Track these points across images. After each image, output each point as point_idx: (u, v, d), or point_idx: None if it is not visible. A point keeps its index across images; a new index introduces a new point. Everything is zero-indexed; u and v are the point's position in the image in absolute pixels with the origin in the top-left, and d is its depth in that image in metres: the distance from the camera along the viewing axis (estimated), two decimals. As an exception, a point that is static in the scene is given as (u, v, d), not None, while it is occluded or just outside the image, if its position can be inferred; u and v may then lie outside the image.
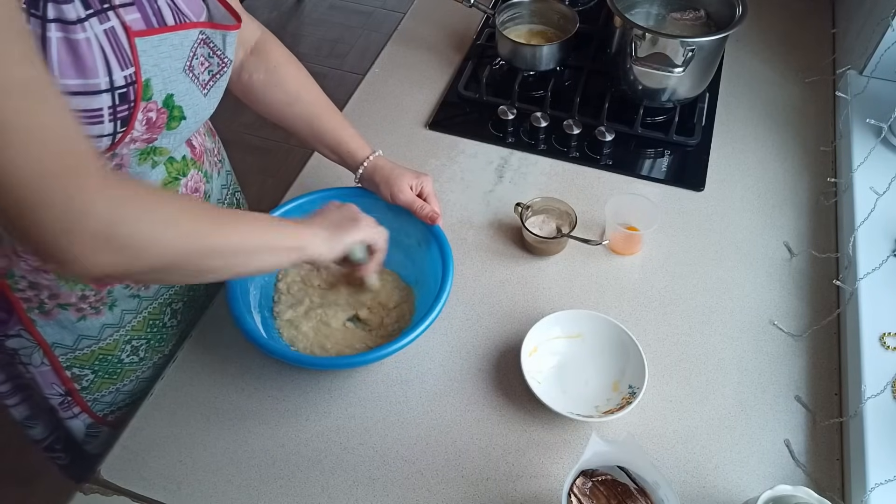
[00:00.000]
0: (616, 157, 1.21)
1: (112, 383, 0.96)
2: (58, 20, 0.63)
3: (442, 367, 0.94)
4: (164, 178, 0.84)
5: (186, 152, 0.88)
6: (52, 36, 0.62)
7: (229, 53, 0.83)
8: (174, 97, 0.75)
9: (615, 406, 0.87)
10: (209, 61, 0.80)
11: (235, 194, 1.10)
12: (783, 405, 0.90)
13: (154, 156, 0.80)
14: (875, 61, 1.21)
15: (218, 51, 0.81)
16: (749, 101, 1.30)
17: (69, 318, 0.87)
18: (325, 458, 0.86)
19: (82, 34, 0.64)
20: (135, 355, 0.96)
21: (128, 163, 0.77)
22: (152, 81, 0.71)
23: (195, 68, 0.77)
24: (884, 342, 0.89)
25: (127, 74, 0.68)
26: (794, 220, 1.11)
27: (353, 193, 1.01)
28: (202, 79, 0.79)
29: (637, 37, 1.14)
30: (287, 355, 0.87)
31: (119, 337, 0.93)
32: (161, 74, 0.72)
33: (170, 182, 0.85)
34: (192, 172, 0.89)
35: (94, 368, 0.93)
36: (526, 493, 0.83)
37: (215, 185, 0.98)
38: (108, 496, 0.83)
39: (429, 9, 1.51)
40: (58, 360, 0.90)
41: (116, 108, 0.68)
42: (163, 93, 0.74)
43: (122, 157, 0.75)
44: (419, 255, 0.99)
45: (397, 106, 1.29)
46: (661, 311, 1.00)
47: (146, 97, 0.71)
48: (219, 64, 0.82)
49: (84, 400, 0.96)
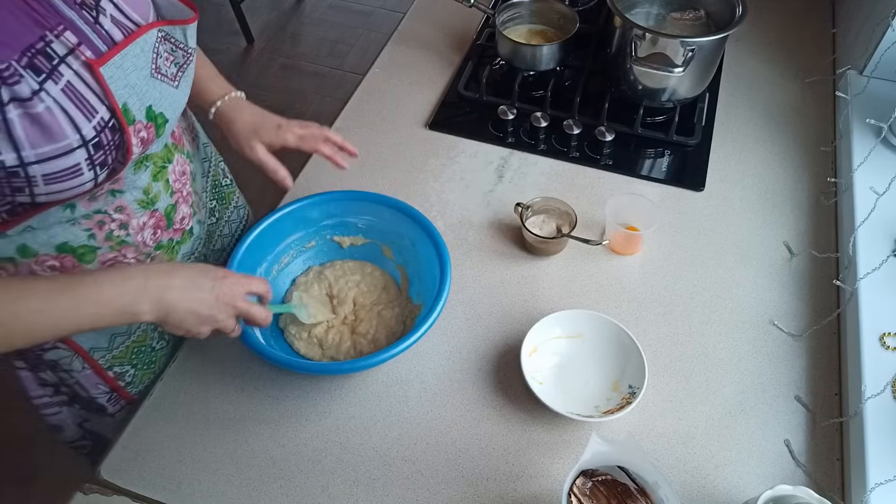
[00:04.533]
0: (616, 157, 1.21)
1: (152, 372, 0.99)
2: (13, 100, 0.63)
3: (442, 367, 0.94)
4: (152, 171, 0.84)
5: (168, 140, 0.88)
6: (12, 116, 0.63)
7: (191, 43, 0.82)
8: (153, 107, 0.76)
9: (615, 406, 0.87)
10: (173, 55, 0.80)
11: (219, 164, 1.10)
12: (783, 405, 0.91)
13: (145, 162, 0.82)
14: (875, 61, 1.20)
15: (180, 44, 0.80)
16: (749, 101, 1.30)
17: None
18: (325, 458, 0.86)
19: (40, 105, 0.64)
20: (163, 339, 0.99)
21: (123, 175, 0.79)
22: (129, 103, 0.72)
23: (161, 67, 0.77)
24: (884, 342, 0.89)
25: (96, 122, 0.68)
26: (794, 220, 1.11)
27: (347, 196, 1.01)
28: (170, 73, 0.79)
29: (637, 37, 1.14)
30: (286, 362, 0.87)
31: (147, 326, 0.96)
32: (134, 91, 0.73)
33: (157, 172, 0.85)
34: (175, 157, 0.89)
35: (132, 363, 0.95)
36: (526, 493, 0.83)
37: (196, 163, 0.98)
38: (108, 496, 0.83)
39: (429, 9, 1.51)
40: (98, 363, 0.92)
41: (93, 158, 0.70)
42: (142, 109, 0.74)
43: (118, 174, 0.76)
44: (413, 255, 1.00)
45: (397, 106, 1.29)
46: (661, 311, 1.00)
47: (130, 121, 0.72)
48: (183, 55, 0.81)
49: (130, 393, 0.98)
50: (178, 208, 0.90)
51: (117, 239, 0.83)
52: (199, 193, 0.98)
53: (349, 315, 0.98)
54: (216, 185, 1.10)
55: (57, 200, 0.73)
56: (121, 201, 0.81)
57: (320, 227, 1.03)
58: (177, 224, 0.91)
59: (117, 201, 0.81)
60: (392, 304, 0.99)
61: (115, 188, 0.80)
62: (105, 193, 0.79)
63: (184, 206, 0.92)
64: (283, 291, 1.01)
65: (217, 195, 1.10)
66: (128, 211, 0.82)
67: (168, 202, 0.88)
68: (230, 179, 1.15)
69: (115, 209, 0.81)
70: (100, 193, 0.79)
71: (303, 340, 0.95)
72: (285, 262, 1.02)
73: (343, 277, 1.01)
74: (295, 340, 0.96)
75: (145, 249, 0.87)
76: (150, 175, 0.84)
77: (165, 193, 0.87)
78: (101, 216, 0.80)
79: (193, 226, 0.96)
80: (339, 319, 0.97)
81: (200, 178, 0.99)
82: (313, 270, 1.03)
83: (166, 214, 0.88)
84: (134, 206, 0.83)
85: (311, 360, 0.94)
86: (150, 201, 0.85)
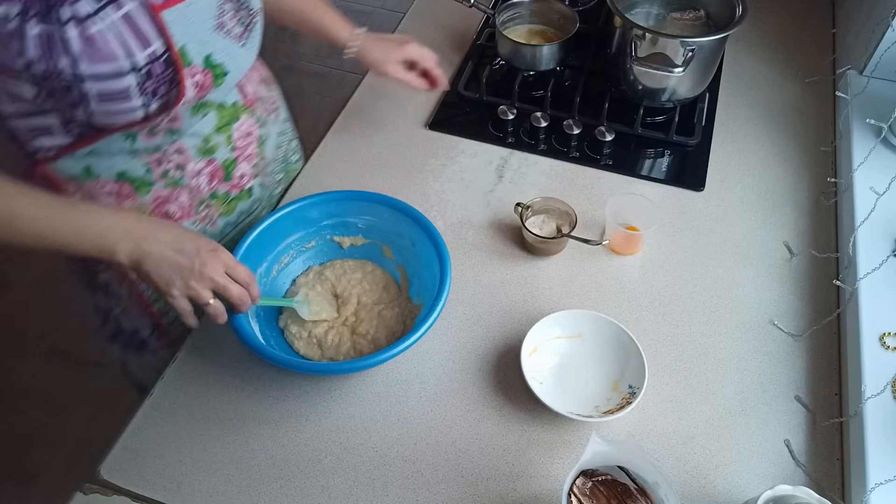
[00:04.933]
0: (616, 157, 1.21)
1: None
2: (73, 18, 0.69)
3: (442, 367, 0.94)
4: (216, 124, 0.91)
5: (238, 98, 0.94)
6: (70, 35, 0.70)
7: (255, 5, 0.88)
8: (212, 56, 0.82)
9: (615, 406, 0.87)
10: (238, 14, 0.85)
11: (291, 142, 1.17)
12: (783, 405, 0.91)
13: (203, 108, 0.88)
14: (875, 61, 1.20)
15: (244, 4, 0.86)
16: (749, 101, 1.30)
17: None
18: (325, 458, 0.86)
19: (96, 27, 0.70)
20: None
21: (181, 116, 0.85)
22: (188, 47, 0.78)
23: (226, 24, 0.82)
24: (884, 342, 0.89)
25: (149, 52, 0.74)
26: (794, 220, 1.11)
27: (347, 196, 1.02)
28: (235, 32, 0.84)
29: (637, 37, 1.14)
30: (286, 362, 0.87)
31: None
32: (195, 39, 0.78)
33: (221, 127, 0.92)
34: (243, 117, 0.96)
35: None
36: (526, 493, 0.83)
37: (271, 131, 1.05)
38: (108, 496, 0.83)
39: (429, 9, 1.51)
40: (144, 295, 0.95)
41: (143, 86, 0.76)
42: (200, 55, 0.80)
43: (175, 113, 0.83)
44: (413, 255, 1.00)
45: (397, 106, 1.29)
46: (661, 311, 1.00)
47: (186, 63, 0.78)
48: (248, 15, 0.86)
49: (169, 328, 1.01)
50: (238, 165, 0.97)
51: (172, 179, 0.90)
52: (266, 159, 1.05)
53: (350, 316, 0.98)
54: (286, 160, 1.15)
55: (113, 125, 0.79)
56: (180, 144, 0.88)
57: (320, 227, 1.03)
58: (235, 180, 0.98)
59: (177, 144, 0.88)
60: (392, 303, 0.99)
61: (174, 127, 0.86)
62: (163, 131, 0.85)
63: (245, 164, 0.98)
64: (283, 291, 1.01)
65: (285, 169, 1.15)
66: (186, 155, 0.90)
67: (227, 156, 0.95)
68: (299, 157, 1.20)
69: (174, 150, 0.88)
70: (158, 129, 0.85)
71: (303, 340, 0.95)
72: (285, 262, 1.02)
73: (345, 276, 1.01)
74: (295, 340, 0.96)
75: (199, 195, 0.94)
76: (214, 127, 0.91)
77: (226, 147, 0.94)
78: (160, 154, 0.88)
79: (254, 187, 1.03)
80: (339, 320, 0.97)
81: (272, 148, 1.07)
82: (313, 270, 1.03)
83: (225, 167, 0.95)
84: (192, 151, 0.90)
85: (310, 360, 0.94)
86: (208, 150, 0.92)
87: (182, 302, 0.80)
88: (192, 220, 0.97)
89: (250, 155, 0.99)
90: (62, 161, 0.86)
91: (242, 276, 0.82)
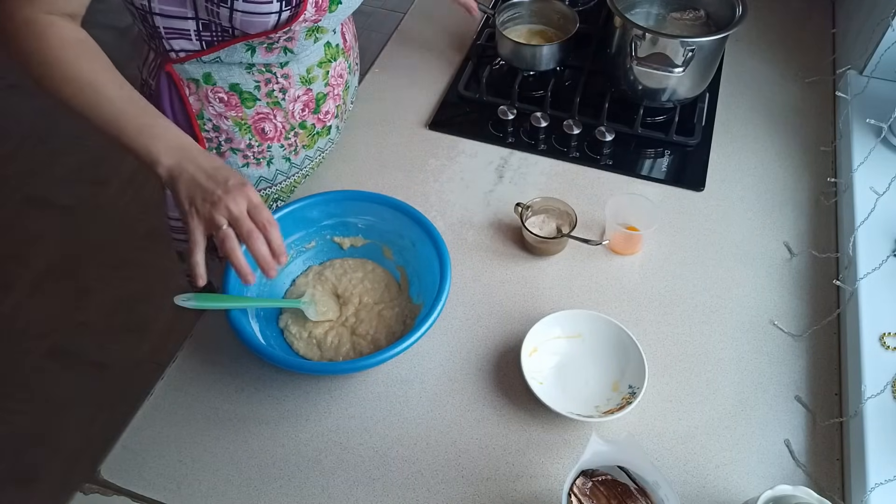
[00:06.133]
0: (616, 157, 1.21)
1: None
2: None
3: (442, 367, 0.94)
4: (321, 57, 1.02)
5: (340, 42, 1.06)
6: None
7: None
8: None
9: (615, 406, 0.87)
10: None
11: (349, 104, 1.21)
12: (783, 405, 0.91)
13: (317, 33, 0.96)
14: (875, 61, 1.21)
15: None
16: (749, 101, 1.30)
17: (236, 163, 1.05)
18: (325, 458, 0.86)
19: None
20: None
21: (297, 37, 0.93)
22: None
23: None
24: (884, 342, 0.89)
25: None
26: (794, 220, 1.11)
27: (347, 196, 1.02)
28: None
29: (637, 37, 1.14)
30: (286, 362, 0.87)
31: (270, 193, 1.12)
32: None
33: (324, 62, 1.03)
34: (340, 59, 1.07)
35: None
36: (526, 493, 0.83)
37: (353, 82, 1.17)
38: (108, 496, 0.83)
39: (429, 9, 1.51)
40: None
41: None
42: None
43: (293, 32, 0.91)
44: (413, 255, 1.00)
45: (397, 106, 1.29)
46: (661, 311, 1.00)
47: None
48: None
49: None
50: (327, 100, 1.08)
51: (275, 99, 1.00)
52: (346, 104, 1.16)
53: (350, 316, 0.98)
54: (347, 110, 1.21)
55: (249, 29, 0.87)
56: (288, 69, 0.99)
57: (320, 227, 1.03)
58: (321, 114, 1.08)
59: (286, 69, 0.98)
60: (393, 303, 0.99)
61: (289, 47, 0.95)
62: (280, 49, 0.94)
63: (331, 101, 1.09)
64: (282, 292, 1.01)
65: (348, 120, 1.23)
66: (291, 80, 1.00)
67: (321, 90, 1.05)
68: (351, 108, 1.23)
69: (282, 75, 0.99)
70: (276, 45, 0.93)
71: (302, 341, 0.95)
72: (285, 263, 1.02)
73: (345, 276, 1.01)
74: (295, 340, 0.96)
75: (291, 120, 1.04)
76: (318, 60, 1.02)
77: (322, 81, 1.04)
78: (270, 75, 0.98)
79: (333, 127, 1.13)
80: (339, 320, 0.97)
81: (350, 97, 1.17)
82: (313, 270, 1.03)
83: (317, 99, 1.05)
84: (296, 77, 1.00)
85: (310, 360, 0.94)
86: (308, 80, 1.02)
87: (198, 231, 0.81)
88: (281, 144, 1.06)
89: (337, 95, 1.09)
90: (188, 64, 0.95)
91: (262, 217, 0.82)
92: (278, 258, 0.84)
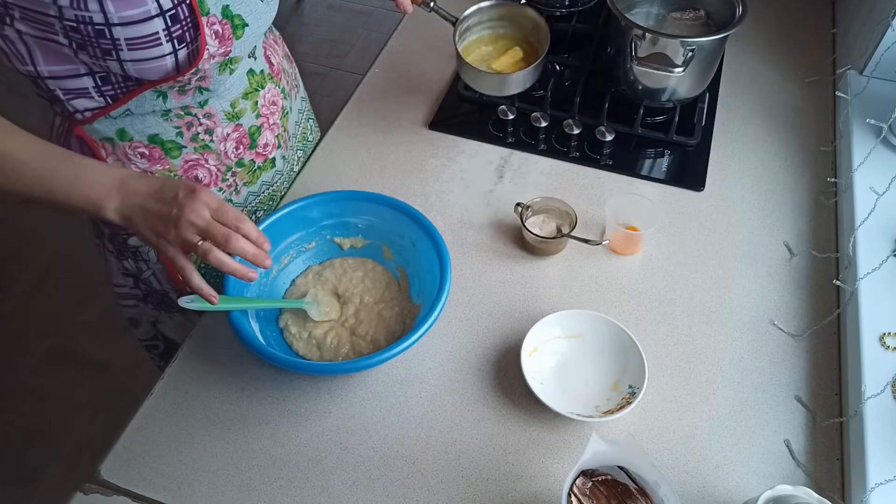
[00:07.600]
0: (616, 157, 1.21)
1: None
2: None
3: (442, 367, 0.94)
4: (246, 87, 0.95)
5: (265, 67, 0.99)
6: None
7: None
8: (230, 7, 0.83)
9: (615, 406, 0.87)
10: None
11: (309, 121, 1.21)
12: (783, 405, 0.91)
13: (231, 64, 0.89)
14: (875, 61, 1.20)
15: None
16: (749, 101, 1.30)
17: None
18: (325, 458, 0.86)
19: None
20: None
21: (210, 74, 0.87)
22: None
23: None
24: (884, 342, 0.89)
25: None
26: (794, 220, 1.11)
27: (347, 196, 1.02)
28: None
29: (637, 37, 1.14)
30: (286, 362, 0.87)
31: None
32: None
33: (250, 92, 0.96)
34: (269, 86, 1.00)
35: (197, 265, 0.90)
36: (526, 493, 0.83)
37: (293, 106, 1.10)
38: (108, 496, 0.83)
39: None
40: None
41: (170, 30, 0.78)
42: (218, 5, 0.82)
43: (204, 70, 0.85)
44: (413, 255, 1.00)
45: (397, 106, 1.29)
46: (661, 311, 1.00)
47: (204, 12, 0.80)
48: None
49: None
50: (263, 133, 1.01)
51: (202, 142, 0.94)
52: (288, 132, 1.10)
53: (350, 317, 0.98)
54: (304, 137, 1.20)
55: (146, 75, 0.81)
56: (209, 108, 0.92)
57: (320, 227, 1.03)
58: (260, 148, 1.02)
59: (206, 107, 0.92)
60: (392, 303, 0.99)
61: (203, 86, 0.88)
62: (193, 89, 0.88)
63: (269, 133, 1.02)
64: (282, 292, 1.01)
65: (303, 146, 1.20)
66: (215, 119, 0.93)
67: (253, 122, 0.98)
68: (317, 136, 1.23)
69: (203, 115, 0.92)
70: (188, 87, 0.87)
71: (302, 341, 0.95)
72: (285, 263, 1.02)
73: (345, 276, 1.01)
74: (294, 341, 0.96)
75: (226, 161, 0.98)
76: (242, 92, 0.95)
77: (251, 113, 0.98)
78: (191, 118, 0.91)
79: (277, 158, 1.06)
80: (339, 320, 0.97)
81: (293, 123, 1.11)
82: (312, 270, 1.03)
83: (250, 134, 0.99)
84: (221, 115, 0.94)
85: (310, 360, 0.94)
86: (235, 115, 0.95)
87: (178, 256, 0.78)
88: (219, 188, 1.01)
89: (274, 125, 1.03)
90: (98, 122, 0.88)
91: (230, 217, 0.77)
92: (261, 245, 0.80)
